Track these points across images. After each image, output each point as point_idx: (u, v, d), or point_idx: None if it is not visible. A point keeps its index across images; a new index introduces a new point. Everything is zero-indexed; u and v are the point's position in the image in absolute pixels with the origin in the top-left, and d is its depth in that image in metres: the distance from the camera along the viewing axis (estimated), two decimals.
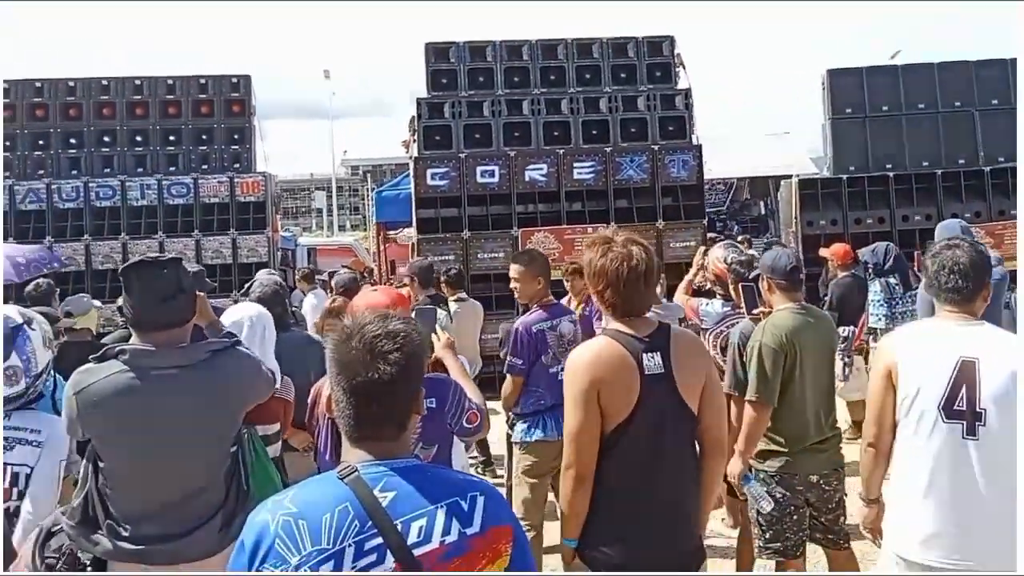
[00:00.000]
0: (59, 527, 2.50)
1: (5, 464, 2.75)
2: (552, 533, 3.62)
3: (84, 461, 2.53)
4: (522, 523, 4.01)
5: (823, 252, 7.09)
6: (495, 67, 9.79)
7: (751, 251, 6.19)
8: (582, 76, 9.87)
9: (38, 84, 9.96)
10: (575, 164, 9.25)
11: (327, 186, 35.05)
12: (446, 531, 1.47)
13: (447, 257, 8.62)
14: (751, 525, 3.50)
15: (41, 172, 9.65)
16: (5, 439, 2.76)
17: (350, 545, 1.42)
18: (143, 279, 2.48)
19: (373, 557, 1.42)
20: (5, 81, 9.92)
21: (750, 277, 3.97)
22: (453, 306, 6.01)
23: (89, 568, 2.45)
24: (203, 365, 2.50)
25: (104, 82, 10.05)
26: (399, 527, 1.44)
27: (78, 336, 4.77)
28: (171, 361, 2.45)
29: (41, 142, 9.74)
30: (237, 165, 9.97)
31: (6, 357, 2.75)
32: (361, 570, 1.42)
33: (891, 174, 9.90)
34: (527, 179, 9.22)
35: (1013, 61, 9.98)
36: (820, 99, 10.44)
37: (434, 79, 9.73)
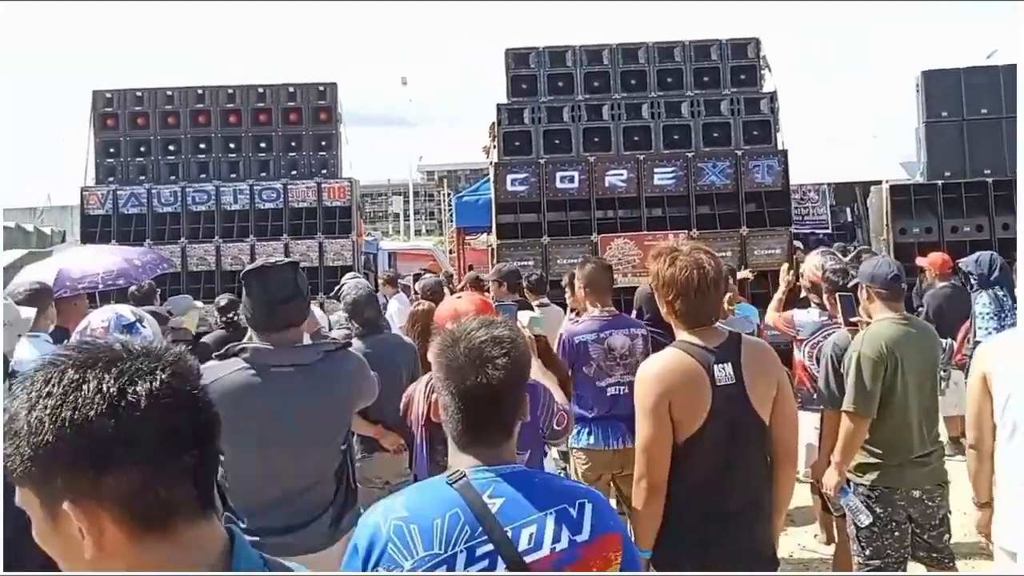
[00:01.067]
0: None
1: None
2: None
3: None
4: None
5: (920, 261, 6.84)
6: (575, 72, 9.79)
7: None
8: (663, 80, 9.77)
9: (138, 94, 10.45)
10: (656, 169, 9.16)
11: (403, 191, 35.67)
12: (556, 538, 1.47)
13: (526, 262, 8.65)
14: (850, 541, 3.41)
15: (142, 178, 10.14)
16: None
17: (462, 551, 1.43)
18: (264, 282, 2.62)
19: (485, 563, 1.43)
20: (108, 91, 10.45)
21: (848, 286, 3.87)
22: (536, 311, 6.04)
23: None
24: (318, 365, 2.63)
25: (199, 91, 10.47)
26: (509, 533, 1.44)
27: (179, 335, 5.00)
28: (289, 360, 2.58)
29: (142, 148, 10.23)
30: (324, 171, 10.25)
31: None
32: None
33: (990, 180, 9.44)
34: (607, 184, 9.18)
35: None
36: (913, 102, 10.06)
37: (514, 85, 9.80)
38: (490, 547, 1.43)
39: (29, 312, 4.25)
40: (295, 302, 2.65)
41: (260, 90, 10.50)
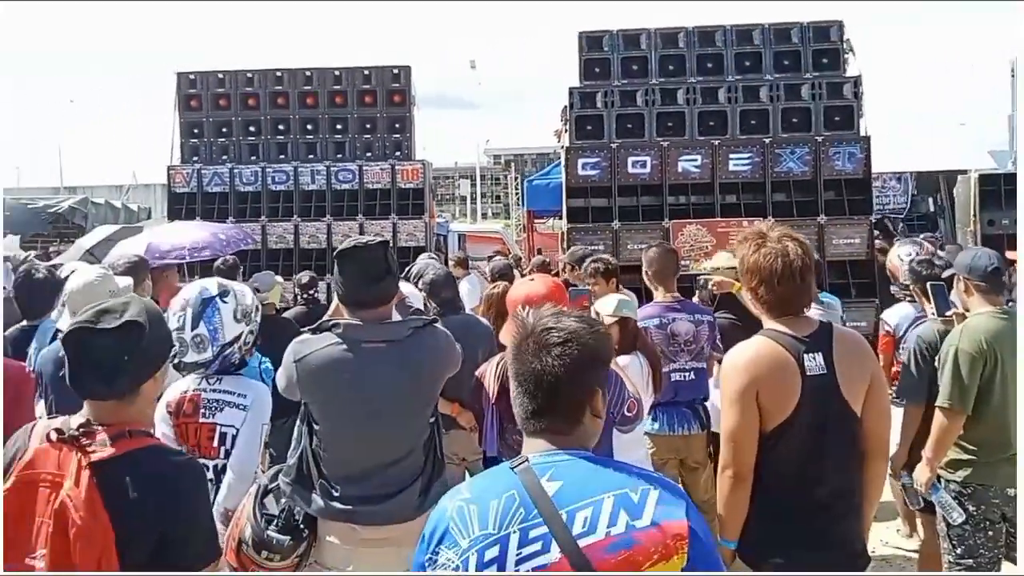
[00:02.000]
0: (275, 485, 2.76)
1: (215, 424, 3.05)
2: None
3: (299, 423, 2.78)
4: None
5: (1010, 254, 6.56)
6: (650, 55, 9.64)
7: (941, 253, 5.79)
8: (741, 64, 9.53)
9: (220, 76, 10.77)
10: (731, 155, 8.99)
11: (470, 174, 35.85)
12: (612, 522, 1.45)
13: (596, 247, 8.62)
14: (939, 539, 3.33)
15: (225, 157, 10.48)
16: (216, 400, 3.06)
17: (515, 531, 1.45)
18: (357, 262, 2.71)
19: (538, 546, 1.44)
20: (192, 73, 10.80)
21: (943, 277, 3.76)
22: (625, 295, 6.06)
23: (302, 526, 2.69)
24: (407, 341, 2.72)
25: (278, 74, 10.73)
26: (564, 516, 1.45)
27: (264, 310, 5.18)
28: (379, 336, 2.68)
29: (224, 130, 10.56)
30: (398, 153, 10.41)
31: (194, 326, 3.03)
32: (526, 558, 1.44)
33: None
34: (680, 170, 9.05)
35: None
36: (1006, 88, 9.63)
37: (587, 68, 9.71)
38: (544, 529, 1.44)
39: (126, 281, 4.49)
40: (386, 280, 2.74)
41: (336, 73, 10.70)
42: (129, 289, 4.70)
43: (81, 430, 1.85)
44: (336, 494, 2.64)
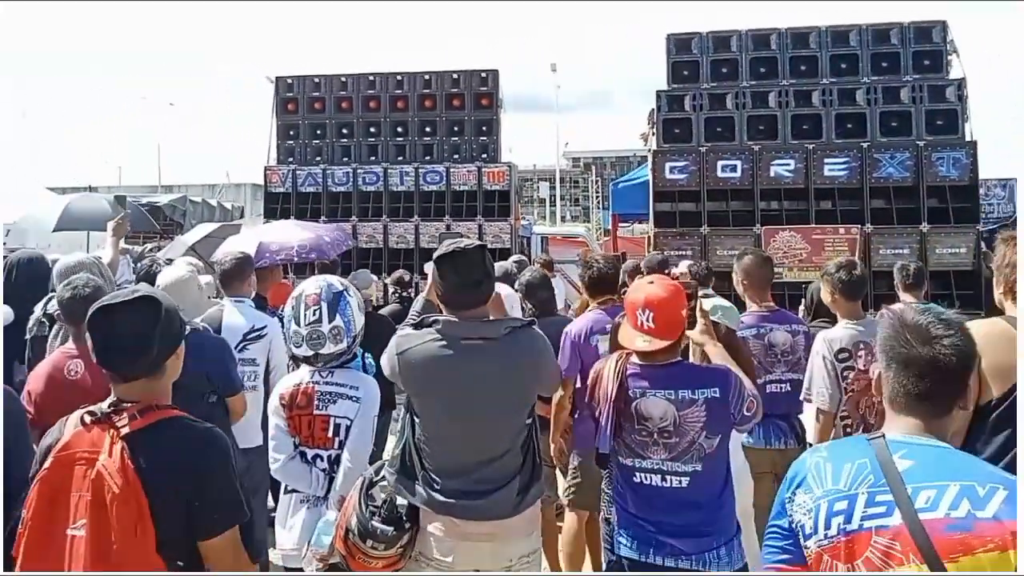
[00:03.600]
0: (381, 477, 2.85)
1: (329, 416, 3.16)
2: None
3: (404, 413, 2.87)
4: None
5: None
6: (740, 57, 9.49)
7: None
8: (837, 66, 9.28)
9: (316, 80, 11.13)
10: (826, 160, 8.75)
11: (550, 177, 35.91)
12: (954, 507, 1.56)
13: (684, 252, 8.54)
14: None
15: (318, 159, 10.82)
16: (329, 393, 3.18)
17: (863, 493, 1.65)
18: (456, 266, 2.77)
19: (882, 509, 1.62)
20: (289, 78, 11.19)
21: None
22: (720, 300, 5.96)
23: (405, 517, 2.77)
24: (505, 339, 2.75)
25: (371, 78, 11.02)
26: (909, 491, 1.60)
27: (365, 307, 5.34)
28: (477, 333, 2.75)
29: (319, 132, 10.91)
30: (484, 155, 10.54)
31: (331, 319, 3.16)
32: (869, 516, 1.63)
33: None
34: (772, 174, 8.87)
35: None
36: None
37: (675, 71, 9.62)
38: (889, 496, 1.62)
39: (208, 279, 4.69)
40: (484, 284, 2.80)
41: (426, 77, 10.91)
42: (212, 287, 4.92)
43: (111, 408, 2.00)
44: (438, 487, 2.71)
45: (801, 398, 3.92)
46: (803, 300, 5.15)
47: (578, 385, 4.05)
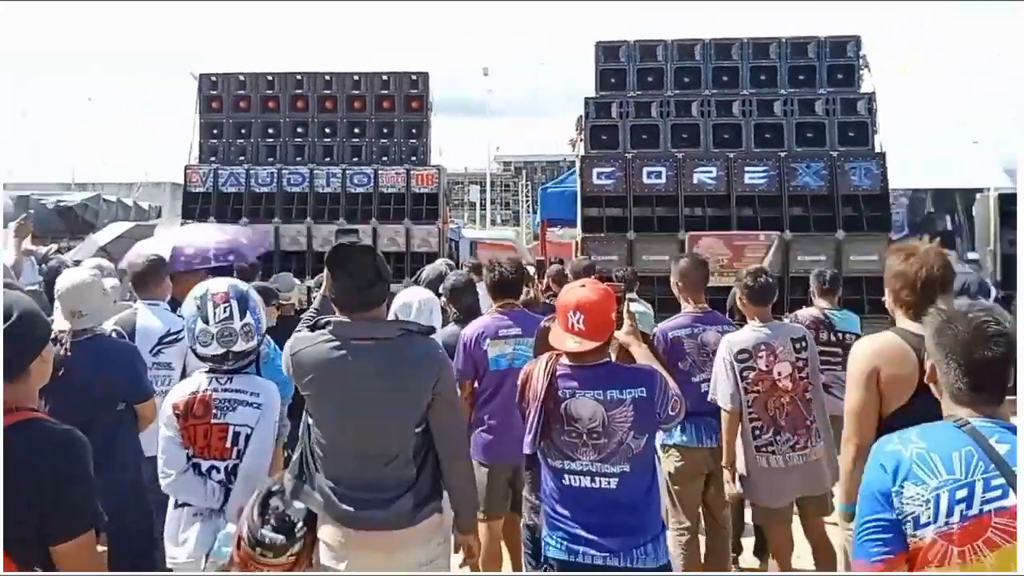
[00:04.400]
0: (279, 488, 2.79)
1: (227, 424, 3.05)
2: None
3: (305, 416, 2.82)
4: (676, 525, 4.03)
5: None
6: (665, 67, 9.70)
7: None
8: (756, 78, 9.59)
9: (241, 78, 10.87)
10: (747, 168, 9.02)
11: (480, 181, 35.95)
12: None
13: (611, 257, 8.66)
14: None
15: (242, 158, 10.56)
16: (228, 400, 3.07)
17: (979, 480, 1.77)
18: (346, 268, 2.74)
19: (999, 492, 1.76)
20: (214, 75, 10.89)
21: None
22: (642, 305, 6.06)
23: (300, 525, 2.73)
24: (398, 341, 2.74)
25: (298, 77, 10.82)
26: (1015, 472, 1.76)
27: (284, 311, 5.23)
28: (368, 333, 2.72)
29: (243, 131, 10.65)
30: (413, 158, 10.48)
31: (242, 316, 3.07)
32: (989, 500, 1.76)
33: None
34: (695, 181, 9.08)
35: None
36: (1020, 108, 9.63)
37: (603, 78, 9.77)
38: (1002, 480, 1.76)
39: (113, 282, 4.50)
40: (376, 287, 2.76)
41: (355, 77, 10.79)
42: (117, 291, 4.72)
43: None
44: (334, 493, 2.69)
45: (708, 399, 4.04)
46: (727, 304, 5.29)
47: (477, 386, 4.07)
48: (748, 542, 4.68)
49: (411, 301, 4.04)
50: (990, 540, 1.77)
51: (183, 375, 4.09)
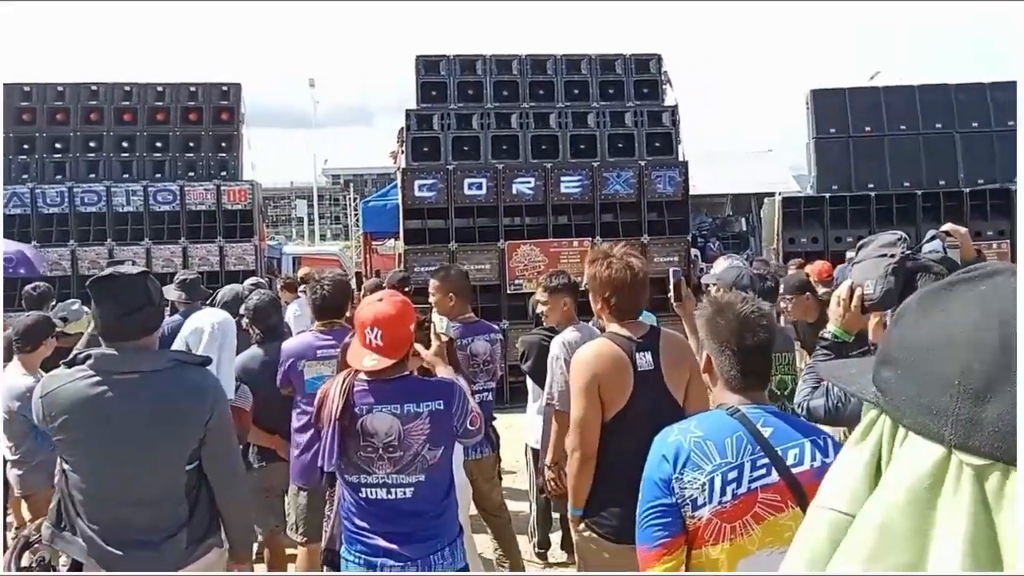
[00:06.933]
0: (36, 536, 2.52)
1: None
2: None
3: (60, 462, 2.56)
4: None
5: (810, 268, 7.23)
6: (485, 81, 9.86)
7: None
8: (570, 91, 9.97)
9: (26, 88, 9.90)
10: (562, 178, 9.32)
11: (308, 195, 34.93)
12: (813, 457, 1.93)
13: (433, 268, 8.63)
14: None
15: (25, 176, 9.58)
16: None
17: (747, 461, 1.91)
18: (112, 291, 2.50)
19: (763, 471, 1.91)
20: None
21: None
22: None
23: (57, 570, 2.49)
24: (167, 373, 2.53)
25: (93, 87, 10.00)
26: (779, 452, 1.91)
27: (70, 341, 4.75)
28: (134, 366, 2.49)
29: (26, 146, 9.67)
30: (224, 173, 9.94)
31: None
32: (755, 479, 1.90)
33: (873, 194, 10.08)
34: (514, 192, 9.28)
35: (991, 85, 10.24)
36: (804, 118, 10.63)
37: (424, 91, 9.78)
38: (766, 460, 1.91)
39: None
40: (144, 311, 2.54)
41: (159, 88, 10.13)
42: None
43: None
44: (99, 538, 2.45)
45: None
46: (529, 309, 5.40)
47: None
48: (555, 537, 4.79)
49: (203, 326, 3.76)
50: (757, 514, 1.92)
51: None
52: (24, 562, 2.59)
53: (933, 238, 2.55)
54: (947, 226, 2.70)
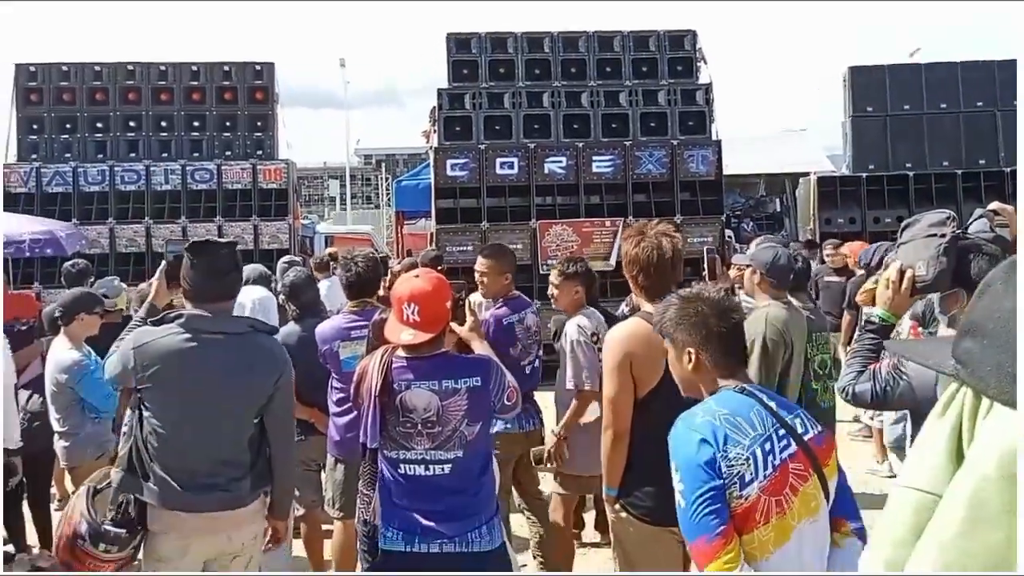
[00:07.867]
0: (106, 483, 2.71)
1: None
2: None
3: (130, 412, 2.75)
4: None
5: (847, 247, 7.15)
6: (516, 59, 9.82)
7: None
8: (603, 69, 9.88)
9: (65, 68, 10.06)
10: (594, 158, 9.29)
11: (340, 175, 35.13)
12: (812, 426, 2.07)
13: (465, 248, 8.69)
14: None
15: (68, 155, 9.77)
16: None
17: (772, 432, 1.98)
18: (207, 256, 2.80)
19: (785, 441, 1.99)
20: (32, 65, 10.03)
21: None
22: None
23: (136, 516, 2.74)
24: (246, 336, 2.83)
25: (130, 67, 10.14)
26: (789, 423, 2.01)
27: (111, 317, 4.89)
28: (219, 327, 2.78)
29: (68, 126, 9.86)
30: (260, 152, 10.06)
31: None
32: (782, 449, 1.97)
33: (911, 173, 9.89)
34: (546, 171, 9.27)
35: None
36: (840, 96, 10.44)
37: (455, 70, 9.77)
38: (783, 431, 1.99)
39: None
40: (231, 276, 2.84)
41: (194, 68, 10.24)
42: None
43: None
44: (175, 483, 2.69)
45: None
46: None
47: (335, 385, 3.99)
48: (589, 517, 4.83)
49: (244, 301, 3.88)
50: (793, 486, 1.95)
51: None
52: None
53: (979, 217, 2.47)
54: (994, 204, 2.61)
